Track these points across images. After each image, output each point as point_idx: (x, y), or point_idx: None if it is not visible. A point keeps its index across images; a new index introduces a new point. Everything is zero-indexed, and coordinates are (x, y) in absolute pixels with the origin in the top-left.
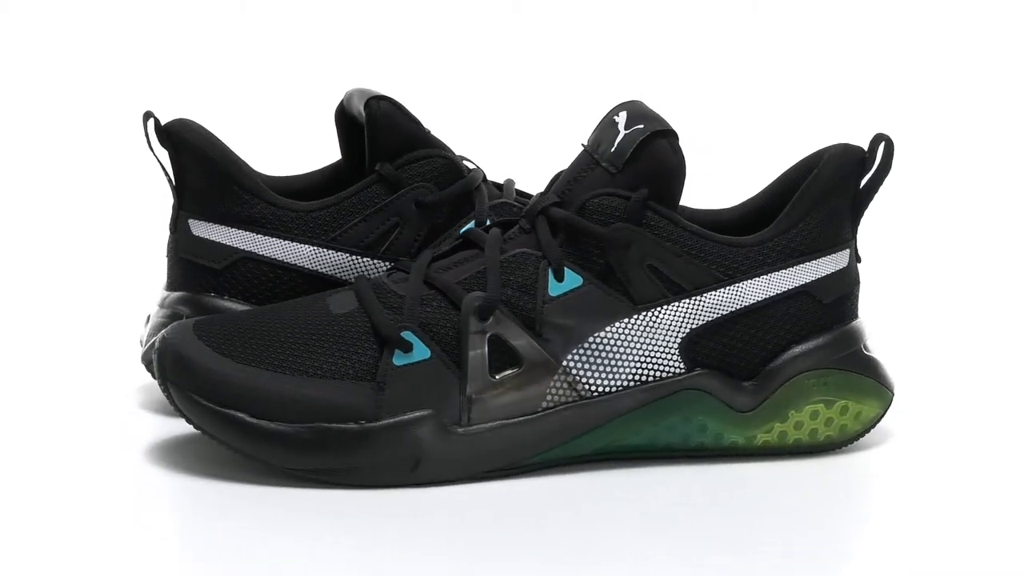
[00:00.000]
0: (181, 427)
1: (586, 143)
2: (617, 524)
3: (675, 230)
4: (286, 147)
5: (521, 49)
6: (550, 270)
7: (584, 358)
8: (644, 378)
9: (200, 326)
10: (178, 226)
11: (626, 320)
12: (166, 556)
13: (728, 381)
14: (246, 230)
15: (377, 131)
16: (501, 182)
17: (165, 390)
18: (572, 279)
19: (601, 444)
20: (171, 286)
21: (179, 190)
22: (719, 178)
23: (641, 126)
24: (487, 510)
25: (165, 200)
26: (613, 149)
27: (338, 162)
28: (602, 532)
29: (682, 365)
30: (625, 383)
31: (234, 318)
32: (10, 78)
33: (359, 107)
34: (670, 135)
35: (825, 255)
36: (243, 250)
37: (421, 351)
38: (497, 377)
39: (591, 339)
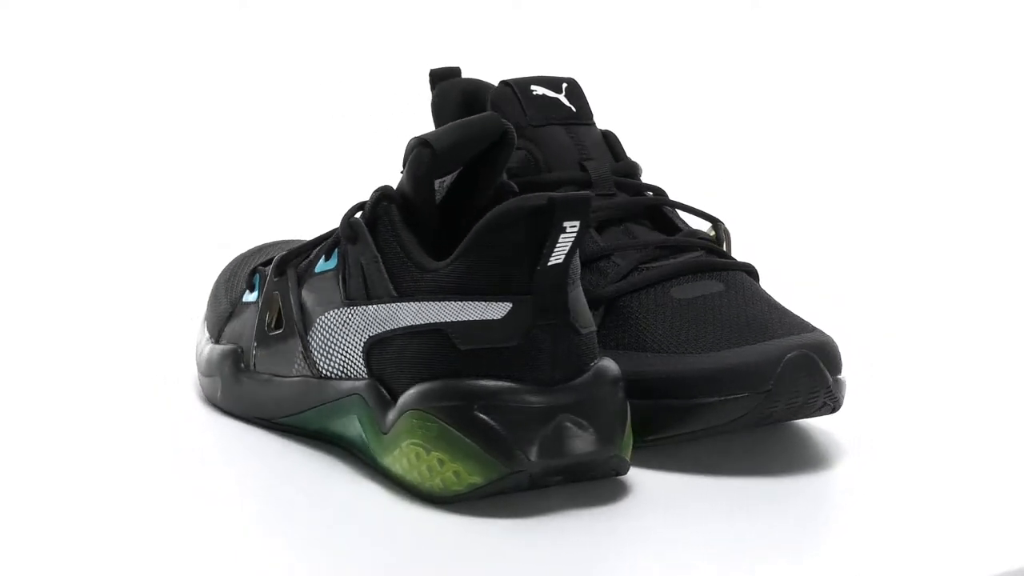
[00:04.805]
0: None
1: None
2: None
3: (389, 238)
4: None
5: None
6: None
7: (314, 337)
8: (346, 372)
9: None
10: None
11: (336, 312)
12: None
13: (383, 397)
14: None
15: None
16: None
17: None
18: (333, 261)
19: (320, 425)
20: None
21: None
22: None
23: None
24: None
25: None
26: None
27: None
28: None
29: (364, 369)
30: (337, 371)
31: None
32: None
33: None
34: (426, 146)
35: (474, 300)
36: None
37: (255, 294)
38: (269, 333)
39: (317, 321)
